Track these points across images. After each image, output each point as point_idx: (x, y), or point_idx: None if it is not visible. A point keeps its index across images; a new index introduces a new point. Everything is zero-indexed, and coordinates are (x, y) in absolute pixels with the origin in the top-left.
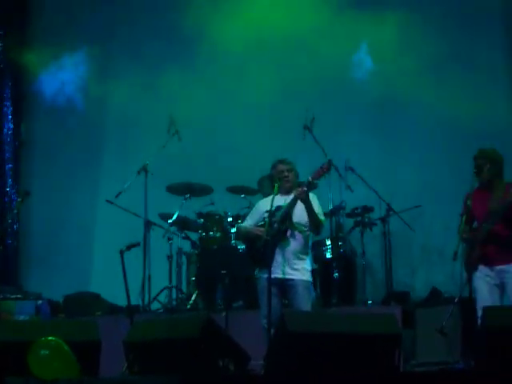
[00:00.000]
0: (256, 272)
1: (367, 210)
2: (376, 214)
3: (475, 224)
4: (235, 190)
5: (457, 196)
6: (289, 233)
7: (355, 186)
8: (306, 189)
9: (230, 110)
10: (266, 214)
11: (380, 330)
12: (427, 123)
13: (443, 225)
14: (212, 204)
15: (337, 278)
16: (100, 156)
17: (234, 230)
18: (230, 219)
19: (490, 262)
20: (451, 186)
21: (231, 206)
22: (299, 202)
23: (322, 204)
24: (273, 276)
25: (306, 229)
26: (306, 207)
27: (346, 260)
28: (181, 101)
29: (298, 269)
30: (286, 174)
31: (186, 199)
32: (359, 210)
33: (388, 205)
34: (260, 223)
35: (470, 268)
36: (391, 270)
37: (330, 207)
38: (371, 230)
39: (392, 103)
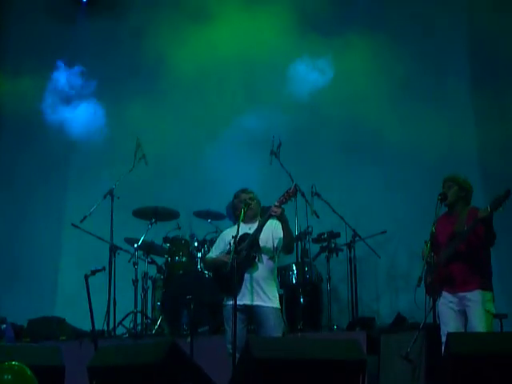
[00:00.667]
0: (224, 300)
1: (333, 235)
2: (342, 240)
3: None
4: (202, 215)
5: (422, 222)
6: (257, 258)
7: (322, 211)
8: (278, 205)
9: (196, 134)
10: (232, 240)
11: (345, 356)
12: (394, 149)
13: (408, 251)
14: (178, 229)
15: (303, 303)
16: (66, 179)
17: (200, 254)
18: (196, 244)
19: (452, 288)
20: (417, 213)
21: (198, 230)
22: (265, 229)
23: None
24: (241, 302)
25: (272, 255)
26: (282, 223)
27: (311, 285)
28: (147, 125)
29: (268, 296)
30: (250, 202)
31: (152, 224)
32: (325, 236)
33: (354, 230)
34: (226, 252)
35: (434, 293)
36: (356, 296)
37: (297, 233)
38: (337, 255)
39: (358, 128)
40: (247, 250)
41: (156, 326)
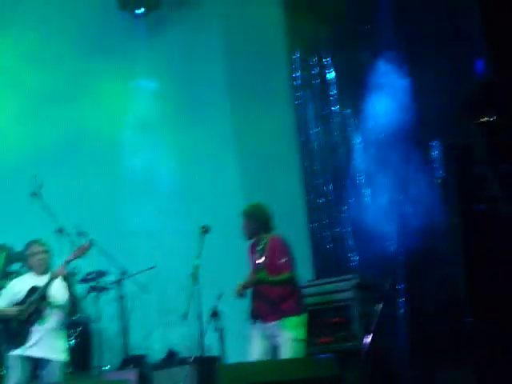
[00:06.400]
0: (7, 351)
1: (101, 274)
2: (112, 277)
3: None
4: None
5: (190, 255)
6: (46, 312)
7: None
8: (64, 265)
9: None
10: (21, 295)
11: None
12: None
13: (178, 285)
14: None
15: (72, 345)
16: None
17: None
18: None
19: (262, 319)
20: (184, 245)
21: None
22: (56, 282)
23: None
24: (28, 354)
25: (62, 308)
26: (68, 284)
27: (81, 326)
28: None
29: (55, 348)
30: (43, 256)
31: None
32: (94, 275)
33: (122, 268)
34: (14, 303)
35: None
36: (128, 334)
37: None
38: (107, 294)
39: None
40: (37, 303)
41: None
